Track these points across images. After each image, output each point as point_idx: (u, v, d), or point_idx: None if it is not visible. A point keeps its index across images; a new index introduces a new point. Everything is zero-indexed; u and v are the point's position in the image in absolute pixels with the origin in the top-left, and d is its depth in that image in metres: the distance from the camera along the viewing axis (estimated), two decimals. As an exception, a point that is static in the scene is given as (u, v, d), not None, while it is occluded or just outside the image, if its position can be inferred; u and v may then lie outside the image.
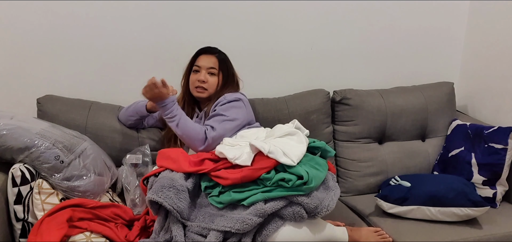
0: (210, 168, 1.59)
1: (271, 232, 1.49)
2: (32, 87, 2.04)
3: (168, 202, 1.46)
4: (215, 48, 1.96)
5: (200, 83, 1.88)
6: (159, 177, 1.58)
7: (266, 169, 1.54)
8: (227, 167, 1.59)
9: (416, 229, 1.78)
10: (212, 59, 1.91)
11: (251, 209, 1.48)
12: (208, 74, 1.90)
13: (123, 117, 1.97)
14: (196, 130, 1.73)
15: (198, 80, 1.89)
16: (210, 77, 1.90)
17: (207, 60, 1.91)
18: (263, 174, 1.53)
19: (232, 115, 1.80)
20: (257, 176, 1.54)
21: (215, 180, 1.57)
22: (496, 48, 2.31)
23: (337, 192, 1.64)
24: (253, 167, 1.55)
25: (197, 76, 1.90)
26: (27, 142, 1.57)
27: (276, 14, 2.24)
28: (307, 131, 1.81)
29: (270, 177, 1.53)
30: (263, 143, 1.58)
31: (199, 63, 1.91)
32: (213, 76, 1.90)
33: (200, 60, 1.92)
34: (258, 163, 1.56)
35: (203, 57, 1.92)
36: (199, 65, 1.91)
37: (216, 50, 1.95)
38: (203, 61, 1.91)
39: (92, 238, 1.53)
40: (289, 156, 1.56)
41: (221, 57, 1.94)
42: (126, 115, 1.96)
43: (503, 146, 1.95)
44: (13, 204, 1.54)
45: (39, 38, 2.03)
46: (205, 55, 1.93)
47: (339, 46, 2.36)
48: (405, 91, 2.30)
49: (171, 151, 1.72)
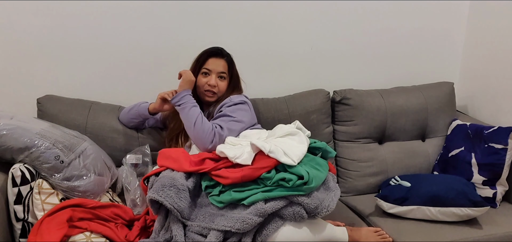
0: (211, 167, 1.59)
1: (271, 232, 1.49)
2: (32, 87, 2.04)
3: (169, 201, 1.46)
4: (223, 50, 1.94)
5: (211, 87, 1.87)
6: (160, 176, 1.58)
7: (267, 169, 1.54)
8: (227, 166, 1.59)
9: (416, 229, 1.78)
10: (221, 62, 1.90)
11: (251, 209, 1.48)
12: (218, 78, 1.88)
13: (125, 118, 1.97)
14: (208, 127, 1.72)
15: (209, 84, 1.87)
16: (220, 81, 1.89)
17: (217, 64, 1.89)
18: (263, 174, 1.53)
19: (239, 116, 1.80)
20: (257, 175, 1.54)
21: (216, 179, 1.58)
22: (496, 48, 2.31)
23: (338, 192, 1.64)
24: (253, 167, 1.55)
25: (207, 79, 1.88)
26: (27, 142, 1.57)
27: (276, 14, 2.24)
28: (309, 132, 1.81)
29: (270, 176, 1.53)
30: (264, 143, 1.58)
31: (209, 67, 1.88)
32: (223, 80, 1.90)
33: (209, 63, 1.89)
34: (258, 163, 1.56)
35: (213, 60, 1.89)
36: (209, 68, 1.88)
37: (224, 53, 1.93)
38: (213, 65, 1.88)
39: (92, 238, 1.53)
40: (290, 156, 1.56)
41: (229, 60, 1.93)
42: (128, 117, 1.96)
43: (503, 146, 1.95)
44: (13, 204, 1.54)
45: (39, 38, 2.03)
46: (215, 58, 1.90)
47: (339, 46, 2.36)
48: (405, 91, 2.30)
49: (172, 151, 1.72)
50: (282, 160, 1.54)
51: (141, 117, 1.94)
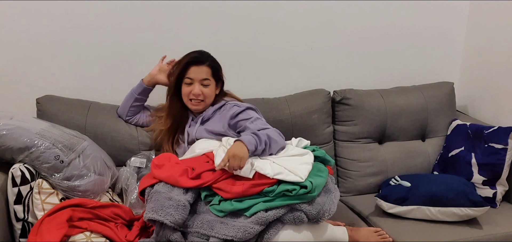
0: (211, 180, 1.56)
1: (272, 235, 1.49)
2: (32, 87, 2.04)
3: (169, 219, 1.44)
4: (202, 55, 1.86)
5: (195, 96, 1.83)
6: (157, 191, 1.55)
7: (268, 185, 1.53)
8: (227, 177, 1.56)
9: (416, 229, 1.78)
10: (203, 69, 1.82)
11: (253, 218, 1.47)
12: (202, 86, 1.83)
13: (122, 109, 1.96)
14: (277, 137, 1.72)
15: (194, 93, 1.83)
16: (205, 88, 1.83)
17: (198, 72, 1.81)
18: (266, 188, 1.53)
19: (254, 115, 1.80)
20: (258, 191, 1.53)
21: (217, 192, 1.56)
22: (496, 48, 2.31)
23: (337, 194, 1.65)
24: (255, 181, 1.53)
25: (190, 88, 1.82)
26: (27, 142, 1.57)
27: (276, 14, 2.24)
28: (308, 142, 1.82)
29: (273, 189, 1.52)
30: (269, 168, 1.55)
31: (191, 75, 1.81)
32: (207, 87, 1.84)
33: (191, 72, 1.81)
34: (260, 178, 1.54)
35: (194, 69, 1.81)
36: (191, 77, 1.81)
37: (205, 58, 1.85)
38: (195, 73, 1.81)
39: (92, 238, 1.52)
40: (297, 174, 1.53)
41: (211, 64, 1.85)
42: (123, 105, 1.95)
43: (503, 146, 1.95)
44: (13, 204, 1.54)
45: (39, 38, 2.02)
46: (195, 66, 1.82)
47: (339, 46, 2.36)
48: (405, 91, 2.30)
49: (163, 160, 1.69)
50: (289, 179, 1.52)
51: (135, 93, 1.91)
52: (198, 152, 1.73)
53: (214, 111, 1.87)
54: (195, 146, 1.79)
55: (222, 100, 1.90)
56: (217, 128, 1.82)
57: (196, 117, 1.90)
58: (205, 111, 1.88)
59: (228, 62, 1.93)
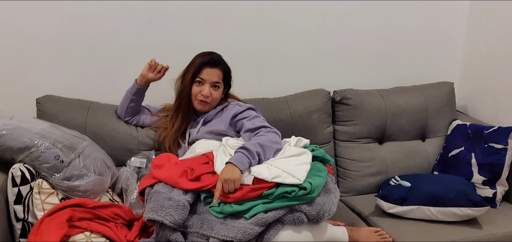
0: (210, 184, 1.57)
1: (272, 235, 1.49)
2: (32, 87, 2.04)
3: (169, 219, 1.45)
4: (218, 59, 1.87)
5: (204, 97, 1.84)
6: (157, 191, 1.55)
7: (268, 189, 1.53)
8: None
9: (416, 229, 1.78)
10: (216, 72, 1.84)
11: (253, 219, 1.48)
12: (212, 88, 1.85)
13: (120, 110, 1.97)
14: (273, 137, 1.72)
15: (202, 94, 1.84)
16: (214, 91, 1.85)
17: (211, 74, 1.83)
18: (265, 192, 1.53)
19: (253, 113, 1.82)
20: (257, 195, 1.53)
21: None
22: (496, 48, 2.31)
23: (337, 194, 1.64)
24: (253, 186, 1.53)
25: (200, 88, 1.84)
26: (27, 142, 1.57)
27: (276, 14, 2.24)
28: (307, 141, 1.81)
29: (272, 192, 1.52)
30: (266, 172, 1.55)
31: (203, 76, 1.83)
32: (217, 90, 1.86)
33: (204, 73, 1.83)
34: (259, 182, 1.54)
35: (208, 70, 1.83)
36: (203, 78, 1.83)
37: (219, 61, 1.87)
38: (208, 74, 1.83)
39: (92, 238, 1.52)
40: (296, 176, 1.53)
41: (224, 68, 1.88)
42: (120, 106, 1.96)
43: (503, 146, 1.95)
44: (13, 204, 1.54)
45: (38, 38, 2.02)
46: (210, 68, 1.83)
47: (339, 46, 2.36)
48: (405, 91, 2.30)
49: (163, 160, 1.70)
50: (288, 181, 1.52)
51: (130, 94, 1.91)
52: (198, 152, 1.75)
53: (217, 113, 1.88)
54: (196, 146, 1.80)
55: (225, 102, 1.92)
56: (218, 128, 1.83)
57: (198, 118, 1.91)
58: (208, 113, 1.89)
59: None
